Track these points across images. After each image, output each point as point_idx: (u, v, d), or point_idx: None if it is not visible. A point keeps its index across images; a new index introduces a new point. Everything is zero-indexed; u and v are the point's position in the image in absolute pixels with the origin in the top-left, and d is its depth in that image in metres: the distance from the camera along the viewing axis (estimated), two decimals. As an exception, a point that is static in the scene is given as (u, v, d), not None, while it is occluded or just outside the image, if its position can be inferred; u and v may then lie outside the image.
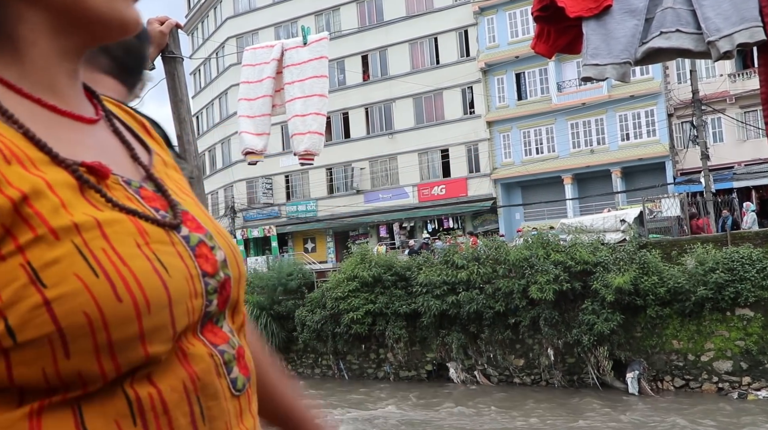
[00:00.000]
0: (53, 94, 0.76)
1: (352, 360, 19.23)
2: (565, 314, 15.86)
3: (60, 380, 0.66)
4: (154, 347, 0.69)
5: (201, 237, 0.78)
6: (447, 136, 32.18)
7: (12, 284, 0.65)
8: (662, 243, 16.74)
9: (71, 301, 0.65)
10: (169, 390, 0.70)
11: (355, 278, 18.23)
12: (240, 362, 0.80)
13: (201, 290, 0.74)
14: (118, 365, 0.67)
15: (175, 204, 0.78)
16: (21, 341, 0.65)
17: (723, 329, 14.59)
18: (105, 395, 0.68)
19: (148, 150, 0.87)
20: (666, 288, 14.80)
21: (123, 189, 0.75)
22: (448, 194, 32.00)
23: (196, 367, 0.73)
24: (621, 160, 28.84)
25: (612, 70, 2.05)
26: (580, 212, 27.53)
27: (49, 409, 0.67)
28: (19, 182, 0.66)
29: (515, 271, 16.42)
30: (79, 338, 0.65)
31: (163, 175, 0.85)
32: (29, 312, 0.64)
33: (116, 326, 0.66)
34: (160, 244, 0.72)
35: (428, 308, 17.14)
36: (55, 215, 0.67)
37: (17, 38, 0.74)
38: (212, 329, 0.78)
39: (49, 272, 0.65)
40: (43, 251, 0.65)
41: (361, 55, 34.68)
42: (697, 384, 14.84)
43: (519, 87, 31.47)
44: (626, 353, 15.43)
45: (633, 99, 28.66)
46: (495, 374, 17.22)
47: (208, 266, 0.77)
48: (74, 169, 0.70)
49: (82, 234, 0.67)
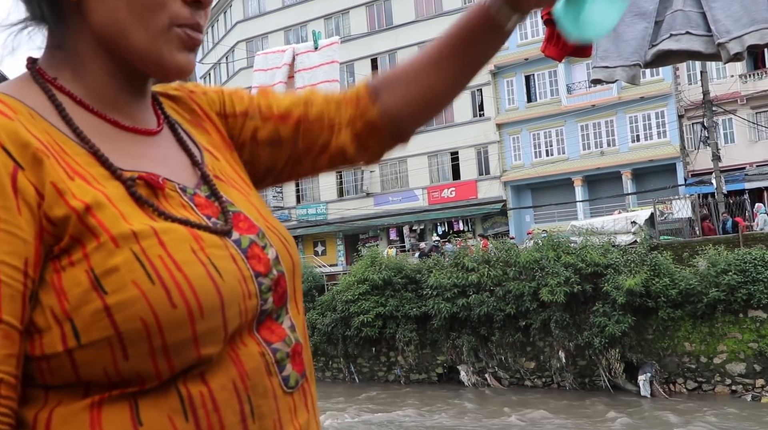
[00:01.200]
0: (117, 110, 0.81)
1: (362, 363, 19.23)
2: (576, 316, 15.81)
3: (120, 378, 0.70)
4: (207, 348, 0.72)
5: (252, 238, 0.81)
6: (456, 138, 32.16)
7: (78, 289, 0.69)
8: (673, 245, 16.65)
9: (129, 308, 0.69)
10: (219, 388, 0.73)
11: (366, 281, 18.24)
12: (294, 359, 0.82)
13: (255, 290, 0.78)
14: (173, 365, 0.71)
15: (226, 210, 0.81)
16: (84, 343, 0.69)
17: (736, 331, 14.50)
18: (159, 391, 0.71)
19: (200, 149, 0.91)
20: (678, 290, 14.72)
21: (179, 196, 0.79)
22: (457, 197, 31.97)
23: (246, 366, 0.76)
24: (631, 162, 28.72)
25: (622, 72, 2.06)
26: (590, 214, 27.43)
27: (109, 402, 0.71)
28: (82, 195, 0.71)
29: (526, 273, 16.38)
30: (137, 342, 0.69)
31: (218, 172, 0.88)
32: (91, 316, 0.69)
33: (171, 330, 0.70)
34: (215, 248, 0.76)
35: (438, 310, 17.13)
36: (116, 224, 0.71)
37: (80, 53, 0.79)
38: (270, 325, 0.81)
39: (109, 279, 0.69)
40: (104, 258, 0.69)
41: (370, 59, 34.73)
42: (709, 386, 14.75)
43: (528, 89, 31.42)
44: (638, 355, 15.36)
45: (643, 100, 28.55)
46: (506, 376, 17.18)
47: (261, 266, 0.80)
48: (129, 184, 0.74)
49: (140, 242, 0.71)
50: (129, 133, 0.81)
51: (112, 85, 0.80)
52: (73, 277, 0.69)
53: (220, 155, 0.92)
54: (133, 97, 0.82)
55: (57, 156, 0.72)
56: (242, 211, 0.84)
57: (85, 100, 0.79)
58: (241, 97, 1.00)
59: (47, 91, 0.77)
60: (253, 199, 0.89)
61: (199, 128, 0.94)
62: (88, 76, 0.79)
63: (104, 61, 0.79)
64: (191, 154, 0.86)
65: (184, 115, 0.94)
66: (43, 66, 0.80)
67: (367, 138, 1.04)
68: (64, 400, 0.71)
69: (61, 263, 0.70)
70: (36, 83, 0.78)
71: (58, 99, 0.77)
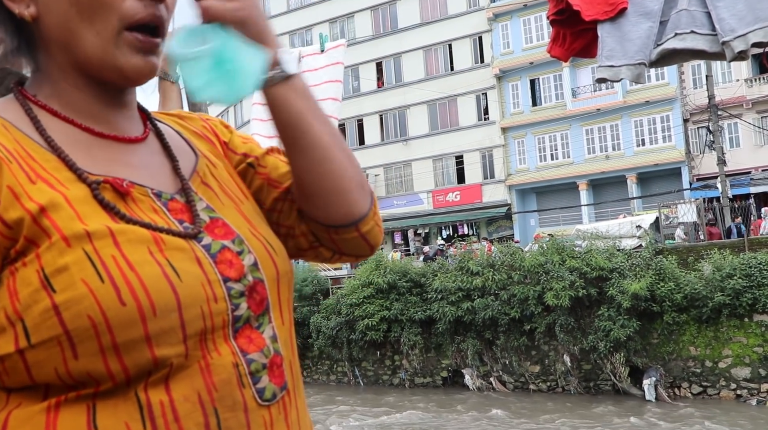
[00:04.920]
0: (94, 119, 0.82)
1: (367, 367, 19.22)
2: (581, 320, 15.78)
3: (72, 379, 0.70)
4: (162, 349, 0.71)
5: (225, 244, 0.81)
6: (461, 142, 32.16)
7: (28, 289, 0.70)
8: (678, 249, 16.61)
9: (77, 305, 0.69)
10: (181, 399, 0.72)
11: (370, 285, 18.24)
12: (272, 370, 0.80)
13: (222, 294, 0.77)
14: (125, 366, 0.70)
15: (196, 214, 0.81)
16: (34, 342, 0.70)
17: (741, 336, 14.45)
18: (118, 396, 0.71)
19: (197, 154, 0.91)
20: (683, 294, 14.69)
21: (151, 201, 0.79)
22: (462, 201, 31.96)
23: (215, 377, 0.75)
24: (636, 166, 28.69)
25: (627, 71, 2.07)
26: (595, 218, 27.39)
27: (66, 404, 0.71)
28: (39, 197, 0.72)
29: (530, 277, 16.37)
30: (85, 340, 0.69)
31: (209, 178, 0.89)
32: (40, 315, 0.69)
33: (120, 328, 0.69)
34: (176, 250, 0.75)
35: (443, 314, 17.12)
36: (69, 225, 0.71)
37: (50, 73, 0.82)
38: (249, 334, 0.79)
39: (59, 278, 0.70)
40: (54, 257, 0.70)
41: (375, 62, 34.78)
42: (714, 391, 14.70)
43: (533, 93, 31.42)
44: (643, 359, 15.32)
45: (648, 104, 28.52)
46: (510, 380, 17.15)
47: (231, 272, 0.79)
48: (93, 187, 0.75)
49: (93, 242, 0.71)
50: (105, 141, 0.82)
51: (87, 99, 0.82)
52: (24, 277, 0.70)
53: (219, 163, 0.93)
54: (111, 107, 0.84)
55: (21, 162, 0.74)
56: (223, 217, 0.84)
57: (60, 112, 0.81)
58: (245, 140, 1.00)
59: (24, 105, 0.80)
60: (246, 208, 0.89)
61: (203, 139, 0.95)
62: (63, 93, 0.81)
63: (73, 77, 0.81)
64: (174, 161, 0.86)
65: (189, 127, 0.96)
66: (27, 88, 0.83)
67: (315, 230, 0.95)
68: (24, 402, 0.71)
69: (15, 266, 0.71)
70: (16, 100, 0.81)
71: (34, 112, 0.80)
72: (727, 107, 25.03)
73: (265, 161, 0.97)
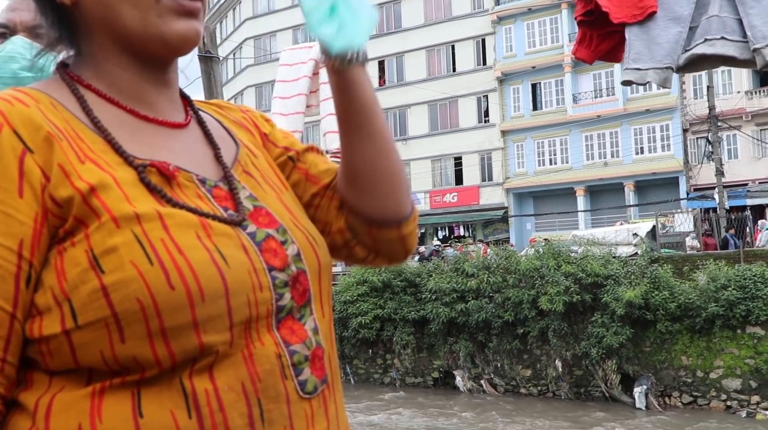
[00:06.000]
0: (138, 102, 0.82)
1: (358, 365, 19.21)
2: (575, 325, 15.79)
3: (117, 364, 0.69)
4: (209, 336, 0.70)
5: (270, 232, 0.80)
6: (461, 143, 32.18)
7: (76, 268, 0.69)
8: (674, 258, 16.65)
9: (126, 288, 0.68)
10: (226, 388, 0.71)
11: (365, 283, 18.24)
12: (314, 363, 0.79)
13: (267, 283, 0.76)
14: (172, 352, 0.69)
15: (239, 202, 0.81)
16: (81, 324, 0.68)
17: (733, 347, 14.49)
18: (163, 384, 0.70)
19: (237, 143, 0.91)
20: (677, 303, 14.72)
21: (196, 187, 0.79)
22: (459, 202, 31.98)
23: (259, 368, 0.73)
24: (634, 174, 28.76)
25: (654, 75, 2.06)
26: (591, 225, 27.44)
27: (111, 391, 0.69)
28: (89, 177, 0.71)
29: (525, 281, 16.38)
30: (133, 324, 0.68)
31: (251, 167, 0.88)
32: (88, 296, 0.68)
33: (168, 313, 0.68)
34: (223, 236, 0.75)
35: (437, 315, 17.11)
36: (119, 206, 0.71)
37: (92, 55, 0.81)
38: (292, 325, 0.78)
39: (107, 259, 0.69)
40: (104, 238, 0.69)
41: (377, 61, 34.75)
42: (705, 401, 14.73)
43: (534, 97, 31.46)
44: (634, 367, 15.34)
45: (648, 113, 28.59)
46: (502, 383, 17.16)
47: (276, 261, 0.78)
48: (140, 170, 0.75)
49: (142, 224, 0.70)
50: (151, 125, 0.82)
51: (131, 78, 0.81)
52: (72, 257, 0.69)
53: (259, 153, 0.93)
54: (155, 88, 0.83)
55: (71, 141, 0.73)
56: (266, 206, 0.83)
57: (106, 93, 0.80)
58: (285, 135, 1.00)
59: (70, 85, 0.79)
60: (286, 198, 0.89)
61: (243, 129, 0.95)
62: (107, 75, 0.81)
63: (116, 56, 0.80)
64: (216, 149, 0.86)
65: (230, 116, 0.96)
66: (71, 70, 0.83)
67: (355, 225, 0.94)
68: (67, 386, 0.70)
69: (64, 245, 0.70)
70: (62, 81, 0.80)
71: (80, 92, 0.79)
72: (726, 119, 25.11)
73: (305, 157, 0.97)
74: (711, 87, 22.62)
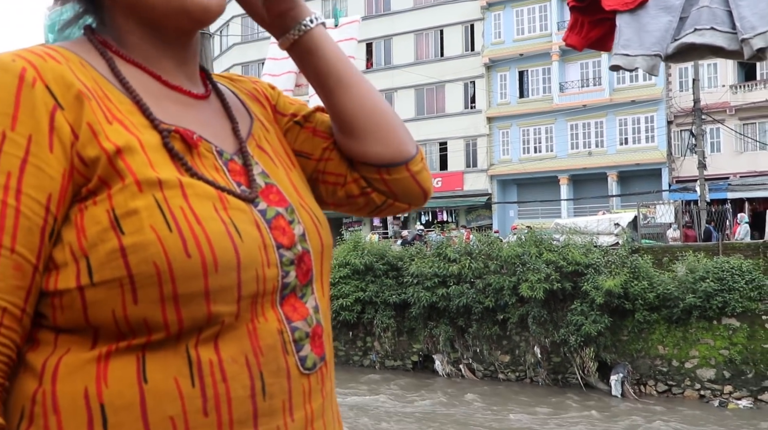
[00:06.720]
0: (163, 73, 0.84)
1: (338, 346, 19.28)
2: (554, 313, 15.95)
3: (127, 325, 0.70)
4: (218, 306, 0.72)
5: (279, 211, 0.82)
6: (446, 129, 32.17)
7: (96, 227, 0.70)
8: (654, 249, 16.83)
9: (144, 251, 0.69)
10: (229, 360, 0.73)
11: (347, 265, 18.25)
12: (314, 340, 0.81)
13: (275, 260, 0.78)
14: (181, 317, 0.70)
15: (253, 179, 0.82)
16: (97, 281, 0.70)
17: (708, 338, 14.71)
18: (168, 350, 0.71)
19: (251, 116, 0.93)
20: (655, 294, 14.90)
21: (214, 159, 0.80)
22: (443, 187, 32.02)
23: (262, 342, 0.75)
24: (618, 164, 28.94)
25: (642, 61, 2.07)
26: (574, 213, 27.62)
27: (116, 355, 0.70)
28: (116, 138, 0.73)
29: (507, 267, 16.48)
30: (147, 287, 0.69)
31: (264, 142, 0.90)
32: (107, 255, 0.69)
33: (183, 279, 0.70)
34: (238, 211, 0.76)
35: (418, 299, 17.19)
36: (143, 170, 0.72)
37: (118, 26, 0.82)
38: (294, 303, 0.80)
39: (128, 221, 0.70)
40: (126, 200, 0.70)
41: (365, 43, 34.55)
42: (679, 390, 14.97)
43: (521, 85, 31.48)
44: (612, 355, 15.54)
45: (634, 104, 28.72)
46: (480, 368, 17.31)
47: (284, 239, 0.80)
48: (164, 135, 0.76)
49: (163, 190, 0.72)
50: (174, 92, 0.83)
51: (153, 51, 0.83)
52: (93, 215, 0.71)
53: (271, 128, 0.95)
54: (176, 61, 0.85)
55: (99, 101, 0.74)
56: (276, 184, 0.85)
57: (132, 58, 0.82)
58: (291, 102, 1.02)
59: (99, 48, 0.81)
60: (294, 176, 0.90)
61: (256, 102, 0.97)
62: (129, 47, 0.82)
63: (140, 30, 0.82)
64: (234, 122, 0.88)
65: (243, 89, 0.98)
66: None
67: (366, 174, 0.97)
68: (73, 348, 0.71)
69: (86, 203, 0.71)
70: (91, 43, 0.82)
71: (109, 54, 0.80)
72: (711, 112, 25.30)
73: (312, 117, 0.99)
74: (696, 80, 22.76)
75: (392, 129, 0.94)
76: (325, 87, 0.92)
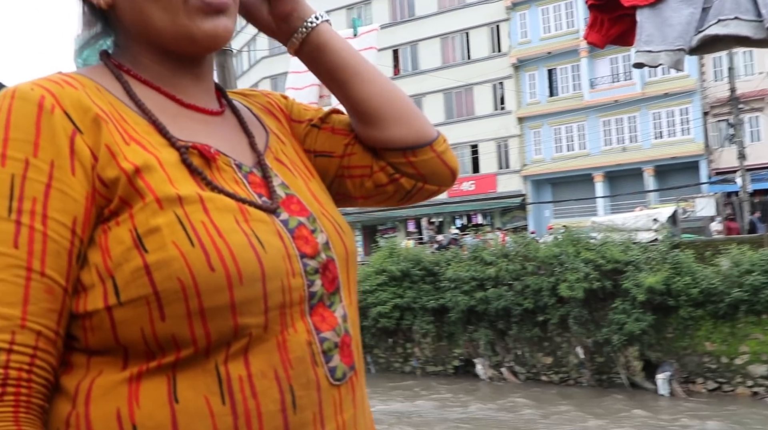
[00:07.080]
0: (176, 91, 0.85)
1: (379, 354, 19.27)
2: (595, 312, 15.70)
3: (156, 342, 0.71)
4: (245, 318, 0.72)
5: (301, 220, 0.83)
6: (477, 131, 32.02)
7: (120, 246, 0.71)
8: (696, 243, 16.47)
9: (168, 267, 0.70)
10: (259, 375, 0.73)
11: (384, 272, 18.26)
12: (343, 350, 0.81)
13: (299, 269, 0.78)
14: (209, 331, 0.71)
15: (273, 190, 0.83)
16: (124, 300, 0.71)
17: (758, 332, 14.32)
18: (198, 368, 0.72)
19: (267, 131, 0.95)
20: (699, 289, 14.56)
21: (233, 172, 0.82)
22: (477, 190, 31.87)
23: (291, 354, 0.75)
24: (654, 159, 28.45)
25: (666, 57, 2.02)
26: (610, 211, 27.21)
27: (147, 375, 0.71)
28: (134, 158, 0.74)
29: (544, 268, 16.30)
30: (173, 303, 0.70)
31: (281, 155, 0.92)
32: (132, 274, 0.70)
33: (208, 293, 0.70)
34: (260, 222, 0.77)
35: (456, 303, 17.11)
36: (162, 187, 0.73)
37: (131, 49, 0.85)
38: (322, 312, 0.81)
39: (151, 239, 0.71)
40: (147, 218, 0.71)
41: (392, 49, 34.62)
42: (730, 387, 14.59)
43: (551, 83, 31.19)
44: (657, 354, 15.23)
45: (667, 97, 28.23)
46: (522, 371, 17.12)
47: (307, 248, 0.80)
48: (183, 152, 0.77)
49: (184, 206, 0.73)
50: (189, 111, 0.85)
51: (166, 72, 0.85)
52: (117, 235, 0.72)
53: (287, 141, 0.96)
54: (190, 80, 0.86)
55: (116, 123, 0.76)
56: (296, 194, 0.86)
57: (147, 79, 0.84)
58: (306, 108, 1.04)
59: (115, 72, 0.83)
60: (314, 186, 0.91)
61: (270, 116, 0.98)
62: (143, 68, 0.84)
63: (151, 52, 0.84)
64: (250, 136, 0.89)
65: (257, 104, 0.99)
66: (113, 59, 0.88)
67: (392, 160, 0.98)
68: (105, 370, 0.72)
69: (108, 224, 0.73)
70: (107, 67, 0.84)
71: (125, 78, 0.83)
72: (748, 101, 24.71)
73: (329, 119, 1.01)
74: (732, 68, 22.27)
75: (413, 112, 0.96)
76: (339, 80, 0.95)
